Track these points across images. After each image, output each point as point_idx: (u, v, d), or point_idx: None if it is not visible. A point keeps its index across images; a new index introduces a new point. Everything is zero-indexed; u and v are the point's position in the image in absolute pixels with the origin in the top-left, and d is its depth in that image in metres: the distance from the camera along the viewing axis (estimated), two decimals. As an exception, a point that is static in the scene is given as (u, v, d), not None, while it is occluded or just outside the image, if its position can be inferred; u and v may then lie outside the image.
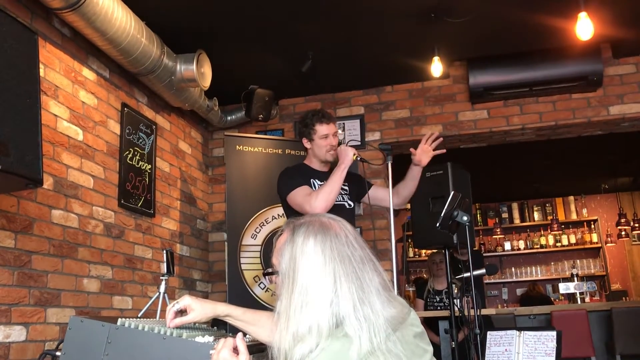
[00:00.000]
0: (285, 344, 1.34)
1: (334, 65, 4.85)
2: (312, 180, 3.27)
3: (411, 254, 9.33)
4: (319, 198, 3.01)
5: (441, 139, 3.35)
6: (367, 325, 1.31)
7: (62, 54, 3.48)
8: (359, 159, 3.20)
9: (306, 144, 3.34)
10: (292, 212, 3.17)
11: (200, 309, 1.77)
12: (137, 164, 4.21)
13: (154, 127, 4.47)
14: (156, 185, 4.45)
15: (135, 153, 4.20)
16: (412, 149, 3.30)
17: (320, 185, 3.24)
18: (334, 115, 3.47)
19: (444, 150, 3.34)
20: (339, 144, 3.31)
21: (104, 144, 3.85)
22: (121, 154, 4.02)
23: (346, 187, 3.36)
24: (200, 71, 4.21)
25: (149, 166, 4.36)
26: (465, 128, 5.11)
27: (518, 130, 5.10)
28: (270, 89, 5.02)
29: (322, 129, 3.27)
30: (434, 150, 3.29)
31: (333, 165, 3.32)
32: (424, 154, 3.27)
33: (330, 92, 5.39)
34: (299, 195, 3.11)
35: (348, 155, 3.15)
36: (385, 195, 3.36)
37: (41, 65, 3.17)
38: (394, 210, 3.37)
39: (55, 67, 3.41)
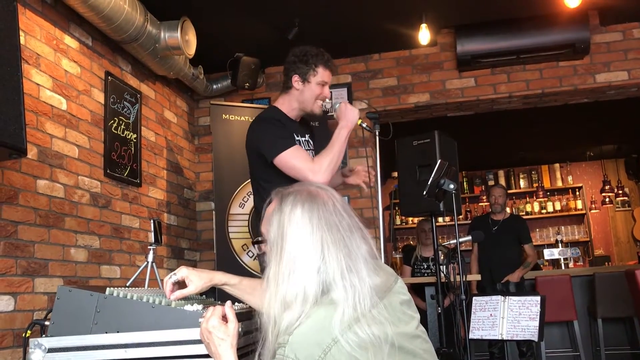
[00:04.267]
0: (274, 311, 1.35)
1: (320, 33, 4.79)
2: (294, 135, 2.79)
3: (398, 222, 9.40)
4: (323, 168, 2.54)
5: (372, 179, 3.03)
6: (353, 292, 1.32)
7: (43, 21, 3.40)
8: (363, 125, 2.74)
9: (296, 83, 2.76)
10: (264, 172, 2.72)
11: (198, 279, 1.76)
12: (123, 133, 4.17)
13: (139, 96, 4.42)
14: (142, 154, 4.41)
15: (120, 122, 4.15)
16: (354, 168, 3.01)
17: (305, 142, 2.85)
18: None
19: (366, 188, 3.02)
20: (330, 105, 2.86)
21: (88, 113, 3.80)
22: (106, 123, 3.98)
23: (312, 143, 2.92)
24: (184, 39, 4.15)
25: (135, 135, 4.32)
26: (452, 96, 5.10)
27: (505, 99, 5.10)
28: (257, 56, 4.96)
29: (325, 74, 2.77)
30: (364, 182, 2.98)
31: (309, 117, 2.94)
32: (356, 175, 2.98)
33: (317, 60, 5.33)
34: (297, 160, 2.59)
35: (354, 117, 2.66)
36: None
37: (21, 33, 3.10)
38: (382, 179, 3.37)
39: (36, 34, 3.34)
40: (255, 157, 2.75)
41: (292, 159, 2.59)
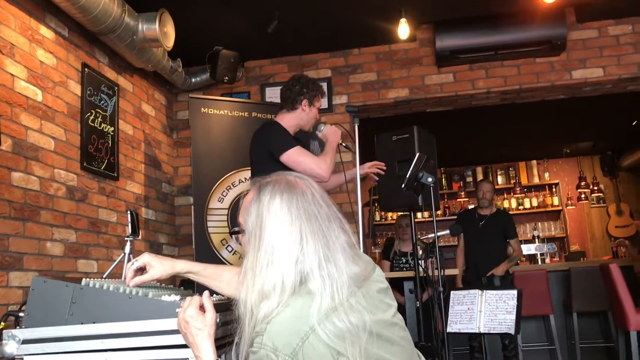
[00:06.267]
0: (251, 301, 1.35)
1: (300, 27, 4.79)
2: None
3: (377, 218, 9.43)
4: (327, 164, 3.09)
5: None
6: (330, 282, 1.32)
7: (18, 10, 3.34)
8: (343, 144, 3.38)
9: (305, 106, 3.28)
10: (264, 169, 3.08)
11: (159, 266, 1.75)
12: (100, 126, 4.12)
13: (116, 88, 4.37)
14: (119, 148, 4.36)
15: (97, 115, 4.10)
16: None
17: None
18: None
19: (375, 178, 3.76)
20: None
21: (65, 105, 3.75)
22: (82, 115, 3.92)
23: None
24: (163, 31, 4.10)
25: (112, 128, 4.27)
26: (431, 92, 5.13)
27: (483, 94, 5.14)
28: (236, 50, 4.93)
29: (321, 101, 3.37)
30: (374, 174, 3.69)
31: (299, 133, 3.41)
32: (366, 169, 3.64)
33: (297, 54, 5.33)
34: (303, 155, 3.09)
35: (338, 137, 3.28)
36: None
37: (-4, 22, 3.05)
38: (361, 175, 3.43)
39: (10, 24, 3.28)
40: (264, 156, 3.14)
41: (300, 155, 3.09)
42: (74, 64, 3.88)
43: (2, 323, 1.73)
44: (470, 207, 9.02)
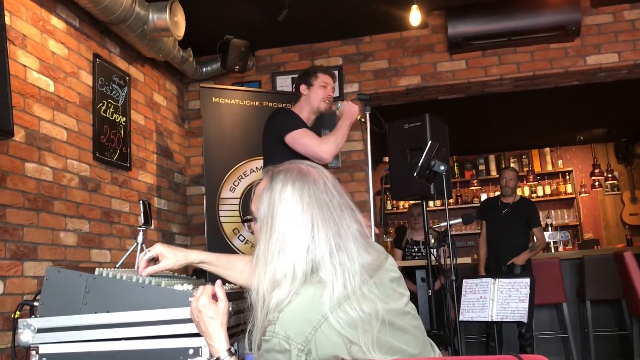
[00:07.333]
0: (263, 289, 1.35)
1: (311, 15, 4.75)
2: None
3: (389, 207, 9.41)
4: (329, 145, 3.07)
5: None
6: (342, 270, 1.32)
7: (29, 1, 3.35)
8: (362, 120, 3.33)
9: (303, 90, 3.34)
10: (274, 155, 3.12)
11: (172, 256, 1.76)
12: (112, 116, 4.13)
13: (128, 78, 4.37)
14: (131, 138, 4.38)
15: (109, 105, 4.11)
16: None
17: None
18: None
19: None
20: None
21: (77, 96, 3.76)
22: (94, 106, 3.93)
23: None
24: (173, 20, 4.10)
25: (124, 119, 4.28)
26: (443, 79, 5.08)
27: (496, 81, 5.09)
28: (247, 39, 4.91)
29: (324, 77, 3.33)
30: None
31: (318, 119, 3.42)
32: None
33: (308, 43, 5.31)
34: (306, 136, 3.10)
35: (354, 113, 3.24)
36: None
37: (6, 13, 3.06)
38: (373, 164, 3.42)
39: (22, 15, 3.28)
40: (274, 140, 3.18)
41: (303, 136, 3.10)
42: (85, 55, 3.89)
43: (18, 312, 1.74)
44: (483, 195, 8.99)
